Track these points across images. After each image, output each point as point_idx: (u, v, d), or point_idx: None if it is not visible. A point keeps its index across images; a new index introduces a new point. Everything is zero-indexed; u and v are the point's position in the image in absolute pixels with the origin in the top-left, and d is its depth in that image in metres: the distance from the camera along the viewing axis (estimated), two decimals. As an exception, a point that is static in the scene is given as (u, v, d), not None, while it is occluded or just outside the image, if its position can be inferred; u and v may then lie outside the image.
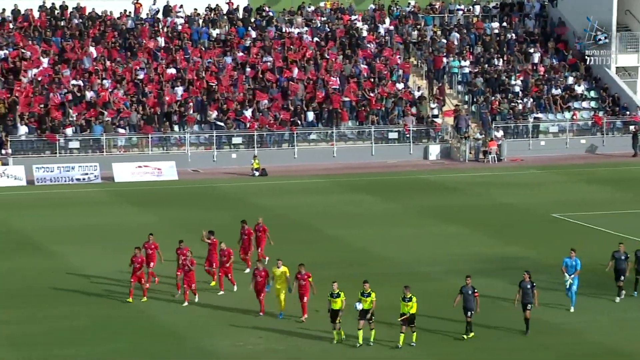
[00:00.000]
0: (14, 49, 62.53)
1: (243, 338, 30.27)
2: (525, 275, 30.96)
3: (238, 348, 29.52)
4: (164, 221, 46.56)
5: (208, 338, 30.37)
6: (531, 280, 30.85)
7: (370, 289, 29.77)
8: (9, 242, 42.49)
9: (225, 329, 31.23)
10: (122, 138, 60.22)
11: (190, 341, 30.16)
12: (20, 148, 57.94)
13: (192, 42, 66.98)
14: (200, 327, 31.39)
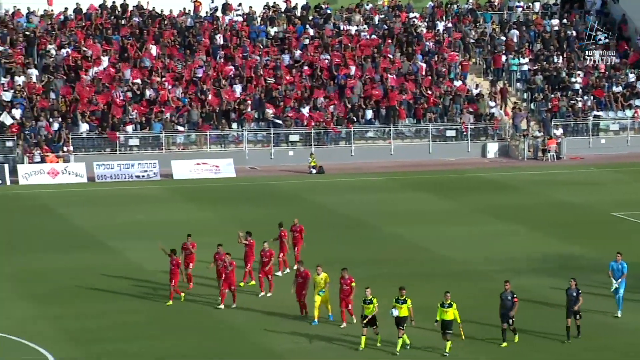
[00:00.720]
0: (75, 47, 63.32)
1: (297, 337, 30.15)
2: (572, 282, 30.04)
3: (296, 345, 29.57)
4: (221, 218, 46.92)
5: (264, 336, 30.42)
6: (577, 287, 29.91)
7: (406, 296, 29.02)
8: (69, 238, 43.06)
9: (279, 325, 31.19)
10: (181, 135, 60.75)
11: (249, 337, 30.24)
12: (82, 145, 58.67)
13: (250, 40, 67.34)
14: (255, 324, 31.40)
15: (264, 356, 28.97)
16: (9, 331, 30.37)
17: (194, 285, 34.59)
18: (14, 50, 62.34)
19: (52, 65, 61.77)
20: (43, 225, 45.39)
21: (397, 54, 68.04)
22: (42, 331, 30.63)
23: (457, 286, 34.02)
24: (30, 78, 60.57)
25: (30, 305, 33.05)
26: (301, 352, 29.08)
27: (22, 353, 28.88)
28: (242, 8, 70.17)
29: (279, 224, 37.27)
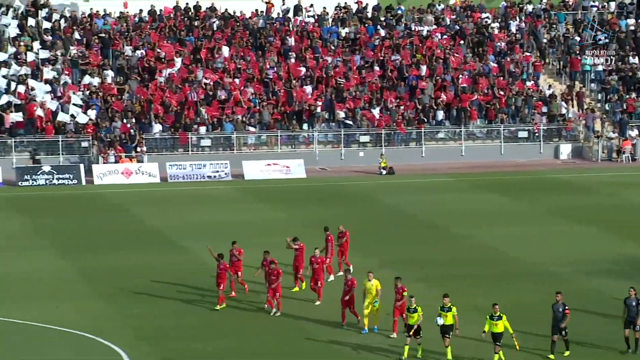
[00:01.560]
0: (149, 48, 64.15)
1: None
2: (631, 292, 28.85)
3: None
4: (292, 218, 47.20)
5: (334, 335, 30.45)
6: (637, 297, 28.69)
7: (451, 304, 28.24)
8: (141, 237, 43.65)
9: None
10: (252, 136, 61.22)
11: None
12: (155, 146, 59.42)
13: (321, 41, 67.61)
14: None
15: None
16: (83, 329, 30.90)
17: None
18: (89, 51, 63.35)
19: (127, 67, 62.65)
20: (117, 225, 46.07)
21: (469, 55, 67.78)
22: (116, 329, 31.09)
23: (525, 287, 33.85)
24: (105, 79, 61.51)
25: (104, 304, 33.56)
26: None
27: (97, 351, 29.35)
28: (314, 9, 70.47)
29: (324, 228, 36.74)
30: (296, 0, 70.48)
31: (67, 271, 37.87)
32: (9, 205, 49.91)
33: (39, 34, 63.36)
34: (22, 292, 35.11)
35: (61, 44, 62.91)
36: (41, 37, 63.06)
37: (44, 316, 32.00)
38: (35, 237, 43.42)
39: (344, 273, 31.99)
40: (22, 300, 33.97)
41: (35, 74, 60.35)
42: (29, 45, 62.25)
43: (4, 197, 52.02)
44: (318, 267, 33.33)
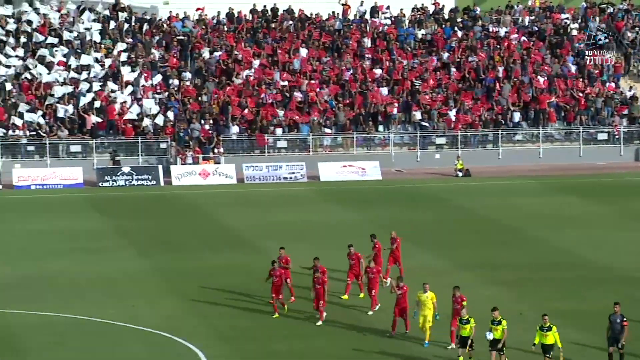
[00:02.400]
0: (227, 51, 64.74)
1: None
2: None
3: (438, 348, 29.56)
4: (367, 220, 47.21)
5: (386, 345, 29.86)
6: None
7: (501, 317, 27.34)
8: (219, 238, 44.01)
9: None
10: (327, 138, 61.44)
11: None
12: (232, 147, 59.94)
13: (398, 43, 67.57)
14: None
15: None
16: (160, 328, 31.30)
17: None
18: (168, 54, 64.14)
19: (205, 69, 63.31)
20: (194, 225, 46.53)
21: (548, 56, 67.17)
22: (192, 328, 31.41)
23: (602, 293, 33.39)
24: (183, 81, 62.23)
25: (181, 303, 33.92)
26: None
27: (174, 350, 29.71)
28: (391, 11, 70.47)
29: (371, 235, 35.93)
30: (373, 2, 70.52)
31: (146, 271, 38.38)
32: (89, 206, 50.72)
33: (119, 37, 64.31)
34: (101, 291, 35.65)
35: (141, 47, 63.80)
36: (122, 40, 64.00)
37: (122, 315, 32.47)
38: (115, 237, 44.03)
39: (395, 281, 31.05)
40: (101, 300, 34.51)
41: (116, 76, 61.29)
42: (110, 48, 63.26)
43: (85, 197, 52.89)
44: (374, 278, 32.78)
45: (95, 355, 29.39)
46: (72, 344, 30.20)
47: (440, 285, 34.93)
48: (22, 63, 60.49)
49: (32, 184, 54.99)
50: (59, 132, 57.83)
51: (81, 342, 30.37)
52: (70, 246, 42.10)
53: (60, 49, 62.18)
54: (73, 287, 36.07)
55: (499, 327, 27.11)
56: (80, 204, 51.22)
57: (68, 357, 29.32)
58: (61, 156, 57.57)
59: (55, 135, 57.72)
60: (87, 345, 30.10)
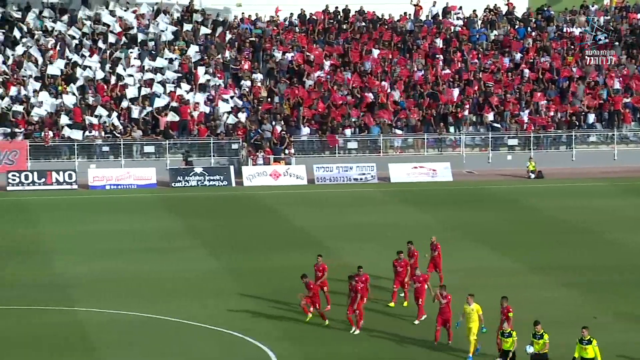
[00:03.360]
0: (299, 51, 65.04)
1: None
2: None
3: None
4: (438, 221, 47.15)
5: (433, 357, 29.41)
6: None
7: (543, 330, 26.58)
8: (289, 238, 44.23)
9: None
10: (398, 139, 61.39)
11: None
12: (302, 148, 60.19)
13: (470, 44, 67.28)
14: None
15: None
16: (231, 327, 31.56)
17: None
18: (240, 55, 64.62)
19: (277, 70, 63.67)
20: (265, 226, 46.82)
21: (623, 56, 66.33)
22: (262, 328, 31.60)
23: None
24: (255, 82, 62.65)
25: (252, 303, 34.09)
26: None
27: (246, 350, 29.91)
28: (463, 12, 70.18)
29: (408, 242, 35.19)
30: (445, 3, 70.30)
31: (217, 270, 38.75)
32: (162, 206, 51.30)
33: (193, 39, 64.98)
34: (173, 290, 36.06)
35: (214, 48, 64.38)
36: (195, 42, 64.65)
37: (194, 314, 32.82)
38: (187, 237, 44.47)
39: (439, 289, 30.13)
40: (174, 299, 34.91)
41: (189, 77, 61.93)
42: (184, 49, 63.94)
43: (158, 197, 53.51)
44: (421, 286, 31.97)
45: (166, 354, 29.76)
46: (143, 342, 30.63)
47: (511, 287, 34.85)
48: (98, 65, 61.39)
49: (107, 184, 55.79)
50: (133, 132, 58.61)
51: (152, 341, 30.78)
52: (142, 246, 42.66)
53: (135, 50, 63.00)
54: (145, 287, 36.54)
55: (540, 340, 26.42)
56: (153, 204, 51.81)
57: (140, 355, 29.72)
58: (135, 157, 58.33)
59: (129, 136, 58.51)
60: (159, 344, 30.50)
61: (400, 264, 33.46)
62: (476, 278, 36.87)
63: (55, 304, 34.10)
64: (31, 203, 51.29)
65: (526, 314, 30.25)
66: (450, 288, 30.20)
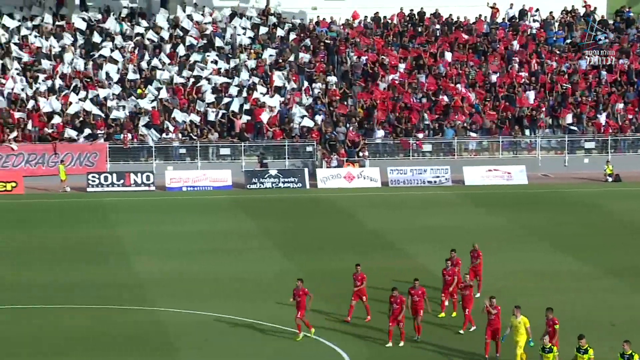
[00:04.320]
0: (373, 54, 65.18)
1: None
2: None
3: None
4: (511, 225, 47.02)
5: None
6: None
7: (588, 345, 25.93)
8: (361, 240, 44.42)
9: None
10: (473, 142, 61.27)
11: None
12: (376, 151, 60.38)
13: (547, 46, 66.90)
14: None
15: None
16: (304, 328, 31.86)
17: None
18: (315, 58, 65.05)
19: (351, 72, 63.97)
20: (338, 228, 47.08)
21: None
22: (335, 329, 31.85)
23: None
24: (330, 85, 63.02)
25: (324, 304, 34.12)
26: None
27: (320, 352, 30.22)
28: (540, 14, 69.79)
29: (451, 250, 34.55)
30: (521, 5, 69.99)
31: (290, 272, 39.04)
32: (237, 207, 51.81)
33: (269, 42, 65.59)
34: (247, 290, 36.53)
35: (289, 51, 64.92)
36: (271, 45, 65.25)
37: (267, 315, 33.20)
38: (261, 238, 44.89)
39: (489, 300, 29.21)
40: (247, 299, 35.37)
41: (265, 80, 62.54)
42: (260, 52, 64.57)
43: (234, 199, 54.08)
44: (468, 295, 31.39)
45: (240, 355, 30.21)
46: (218, 342, 31.09)
47: (587, 290, 34.65)
48: (176, 68, 62.31)
49: (184, 186, 56.58)
50: (210, 135, 59.39)
51: (227, 341, 31.24)
52: (217, 247, 43.21)
53: (212, 54, 63.79)
54: (220, 287, 37.08)
55: (585, 355, 25.73)
56: (229, 205, 52.37)
57: (217, 355, 30.21)
58: (211, 159, 59.06)
59: (205, 138, 59.29)
60: (233, 344, 30.97)
61: (449, 272, 32.87)
62: (550, 281, 36.84)
63: (133, 303, 34.77)
64: (110, 204, 52.19)
65: (600, 317, 29.98)
66: (524, 291, 30.00)
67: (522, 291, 35.06)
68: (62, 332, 31.63)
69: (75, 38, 63.76)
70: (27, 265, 40.01)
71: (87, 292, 36.22)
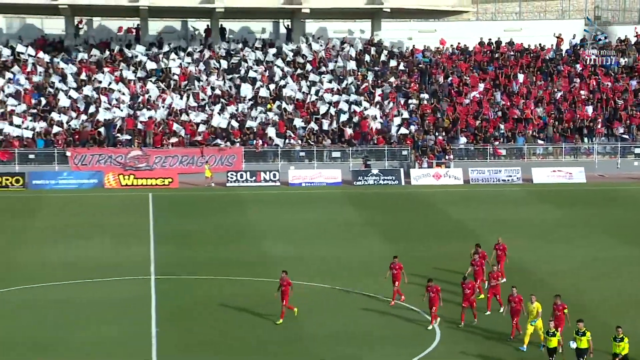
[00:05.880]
0: (458, 76, 64.75)
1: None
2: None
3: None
4: (572, 216, 46.17)
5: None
6: None
7: (585, 328, 24.62)
8: (447, 229, 44.05)
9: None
10: (540, 148, 60.30)
11: None
12: (460, 155, 59.86)
13: (603, 68, 65.41)
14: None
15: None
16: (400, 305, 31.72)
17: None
18: (410, 79, 64.84)
19: (439, 91, 63.57)
20: (428, 218, 46.86)
21: None
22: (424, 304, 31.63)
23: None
24: (422, 101, 62.73)
25: (417, 282, 33.50)
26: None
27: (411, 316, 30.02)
28: (597, 43, 68.21)
29: (476, 244, 33.04)
30: (582, 35, 68.49)
31: (390, 255, 38.79)
32: (346, 200, 51.89)
33: (372, 66, 65.59)
34: (354, 269, 36.46)
35: (389, 74, 64.81)
36: (374, 68, 65.23)
37: (370, 289, 33.15)
38: (365, 226, 44.86)
39: (512, 289, 27.91)
40: (354, 276, 35.23)
41: (369, 97, 62.55)
42: (365, 74, 64.61)
43: (343, 193, 54.22)
44: (496, 285, 29.84)
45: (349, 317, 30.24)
46: (331, 308, 31.20)
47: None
48: (297, 87, 62.82)
49: (303, 182, 56.99)
50: (324, 141, 59.67)
51: (337, 308, 31.31)
52: (330, 233, 43.29)
53: (327, 76, 64.08)
54: (332, 266, 37.12)
55: (583, 337, 24.62)
56: (339, 198, 52.47)
57: (330, 316, 30.31)
58: (325, 160, 59.31)
59: (321, 143, 59.60)
60: (343, 309, 31.02)
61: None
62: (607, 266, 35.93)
63: (262, 276, 35.00)
64: (244, 197, 52.75)
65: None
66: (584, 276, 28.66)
67: (581, 277, 34.31)
68: (223, 297, 31.28)
69: (219, 63, 64.77)
70: (188, 245, 40.26)
71: (231, 268, 36.34)
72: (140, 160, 56.77)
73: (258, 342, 28.04)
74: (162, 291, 32.97)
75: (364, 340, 28.18)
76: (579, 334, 24.74)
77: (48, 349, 27.44)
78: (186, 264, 37.02)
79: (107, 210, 48.00)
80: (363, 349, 27.51)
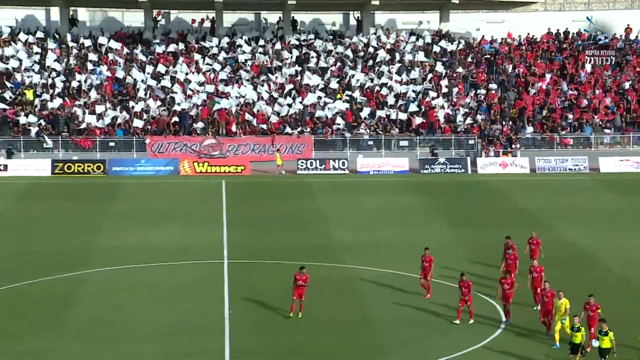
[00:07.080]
0: (525, 66, 63.90)
1: None
2: None
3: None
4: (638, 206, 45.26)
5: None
6: None
7: (608, 328, 24.10)
8: (513, 216, 43.75)
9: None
10: (607, 137, 59.20)
11: None
12: (526, 144, 59.16)
13: (671, 58, 63.88)
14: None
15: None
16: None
17: None
18: (478, 69, 64.23)
19: (507, 81, 62.84)
20: (494, 206, 46.56)
21: None
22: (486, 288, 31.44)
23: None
24: (489, 90, 62.12)
25: (479, 269, 33.71)
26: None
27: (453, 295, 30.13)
28: (667, 31, 66.67)
29: (506, 237, 32.49)
30: (651, 24, 67.01)
31: (454, 241, 38.95)
32: (413, 188, 51.82)
33: (440, 57, 65.16)
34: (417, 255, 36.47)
35: (457, 64, 64.32)
36: (442, 59, 64.81)
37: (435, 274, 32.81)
38: (432, 212, 44.81)
39: (544, 284, 27.36)
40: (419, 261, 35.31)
41: (436, 87, 62.23)
42: (432, 65, 64.25)
43: (410, 181, 54.13)
44: (537, 276, 28.99)
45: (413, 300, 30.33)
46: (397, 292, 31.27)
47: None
48: (366, 77, 62.79)
49: (371, 170, 57.05)
50: (392, 130, 59.59)
51: (400, 291, 31.49)
52: (397, 219, 43.36)
53: (395, 66, 63.90)
54: (398, 251, 37.15)
55: (605, 337, 24.05)
56: (406, 186, 52.38)
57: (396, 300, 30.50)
58: (392, 149, 59.23)
59: (389, 132, 59.53)
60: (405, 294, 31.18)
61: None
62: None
63: (329, 261, 35.37)
64: (314, 184, 52.99)
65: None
66: None
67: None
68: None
69: (291, 54, 65.09)
70: (259, 231, 40.72)
71: (297, 254, 36.76)
72: (214, 149, 57.54)
73: (326, 321, 28.25)
74: (233, 274, 33.47)
75: (426, 325, 28.24)
76: (601, 334, 24.30)
77: (131, 325, 28.14)
78: (257, 249, 37.46)
79: (182, 197, 48.81)
80: (427, 333, 27.54)
